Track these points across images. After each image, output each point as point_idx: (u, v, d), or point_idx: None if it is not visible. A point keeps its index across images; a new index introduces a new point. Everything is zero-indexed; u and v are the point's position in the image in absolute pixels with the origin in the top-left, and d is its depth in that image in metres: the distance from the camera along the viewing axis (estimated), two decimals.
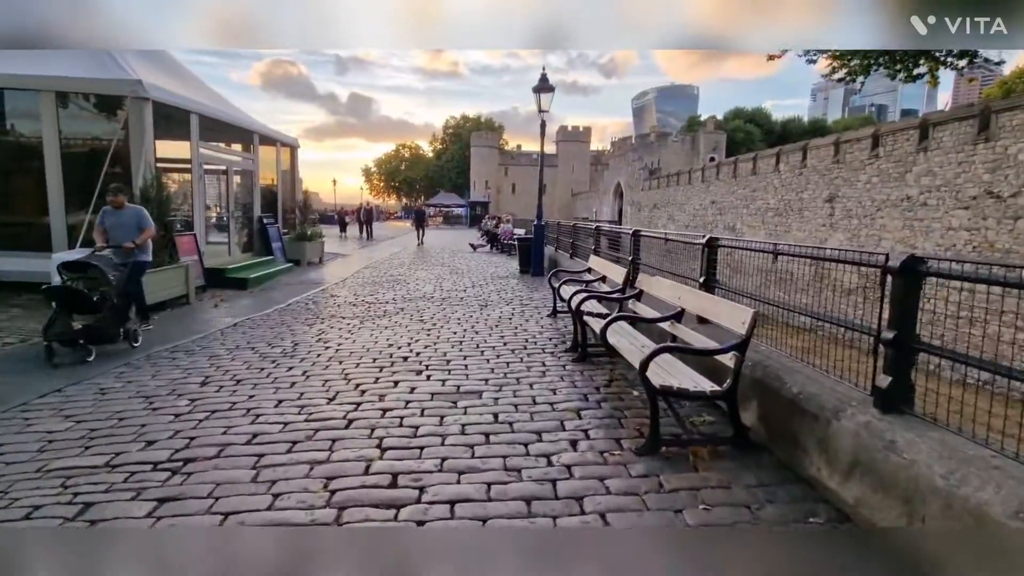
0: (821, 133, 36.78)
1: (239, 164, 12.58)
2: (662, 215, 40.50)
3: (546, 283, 10.95)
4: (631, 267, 6.48)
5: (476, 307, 8.52)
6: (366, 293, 10.19)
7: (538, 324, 7.05)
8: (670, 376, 3.23)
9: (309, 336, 6.63)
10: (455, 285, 11.15)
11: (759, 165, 27.03)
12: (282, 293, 10.35)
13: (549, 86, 11.30)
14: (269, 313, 8.32)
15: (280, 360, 5.46)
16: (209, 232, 12.85)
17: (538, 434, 3.51)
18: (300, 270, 13.73)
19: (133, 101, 8.70)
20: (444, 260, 16.91)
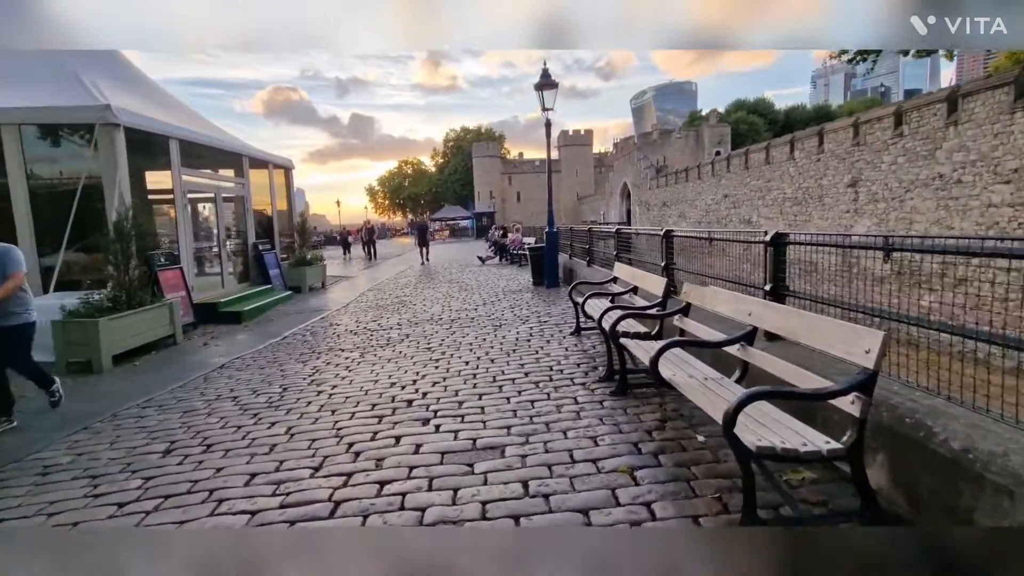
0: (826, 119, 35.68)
1: (228, 190, 11.88)
2: (672, 213, 39.48)
3: (564, 295, 10.06)
4: (665, 273, 5.59)
5: (489, 328, 7.64)
6: (369, 319, 9.37)
7: (561, 345, 6.15)
8: (766, 430, 2.33)
9: (301, 377, 5.79)
10: (465, 303, 10.29)
11: (772, 154, 26.01)
12: (279, 325, 9.56)
13: (552, 82, 10.48)
14: (261, 349, 7.52)
15: (263, 413, 4.62)
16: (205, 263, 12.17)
17: (585, 513, 2.62)
18: (300, 297, 12.96)
19: (103, 128, 8.00)
20: (452, 276, 16.08)
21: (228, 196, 12.28)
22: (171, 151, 9.41)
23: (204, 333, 9.02)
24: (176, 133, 9.50)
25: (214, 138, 10.86)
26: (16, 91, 8.33)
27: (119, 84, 9.86)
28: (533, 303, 9.61)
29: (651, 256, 6.74)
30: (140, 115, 8.75)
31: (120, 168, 8.11)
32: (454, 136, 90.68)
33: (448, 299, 11.01)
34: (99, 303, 7.33)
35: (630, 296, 5.51)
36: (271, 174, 13.78)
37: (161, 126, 9.19)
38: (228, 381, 5.94)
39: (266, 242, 13.05)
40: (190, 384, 5.97)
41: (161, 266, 8.89)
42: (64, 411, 5.22)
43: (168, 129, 9.32)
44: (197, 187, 10.64)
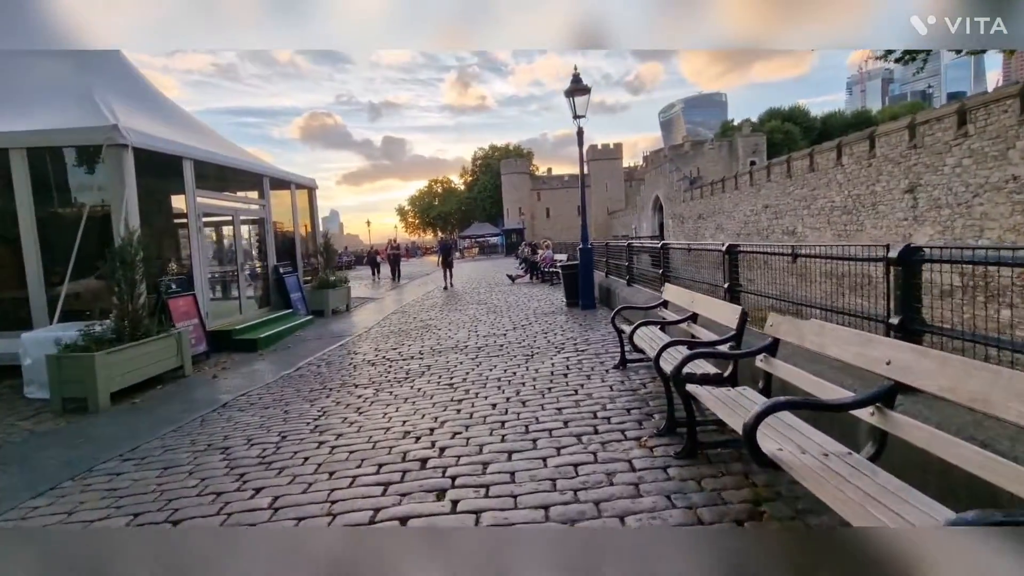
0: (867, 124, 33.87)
1: (247, 212, 11.44)
2: (709, 225, 38.06)
3: (602, 318, 9.15)
4: (730, 297, 4.65)
5: (520, 358, 6.79)
6: (389, 346, 8.64)
7: (604, 383, 5.24)
8: None
9: (305, 421, 5.04)
10: (493, 327, 9.47)
11: (817, 160, 24.60)
12: (294, 353, 8.92)
13: (583, 87, 9.70)
14: (271, 384, 6.86)
15: (251, 473, 3.86)
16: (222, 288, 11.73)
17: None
18: (322, 321, 12.38)
19: (110, 149, 7.58)
20: (480, 296, 15.32)
21: (248, 218, 11.86)
22: (185, 172, 8.97)
23: (216, 364, 8.44)
24: (190, 153, 9.07)
25: (232, 158, 10.44)
26: (26, 113, 8.02)
27: (134, 104, 9.54)
28: (568, 327, 8.71)
29: (705, 274, 5.80)
30: (151, 135, 8.32)
31: (128, 190, 7.65)
32: (482, 154, 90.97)
33: (475, 323, 10.21)
34: (101, 335, 6.80)
35: (688, 325, 4.58)
36: (293, 194, 13.35)
37: (174, 146, 8.76)
38: (225, 425, 5.25)
39: (287, 264, 12.56)
40: (185, 428, 5.31)
41: (172, 293, 8.39)
42: (43, 463, 4.62)
43: (182, 149, 8.89)
44: (213, 209, 10.20)
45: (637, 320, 7.18)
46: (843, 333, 2.54)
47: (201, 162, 9.35)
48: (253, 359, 8.71)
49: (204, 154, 9.41)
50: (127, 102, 9.38)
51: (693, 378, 3.47)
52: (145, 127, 8.69)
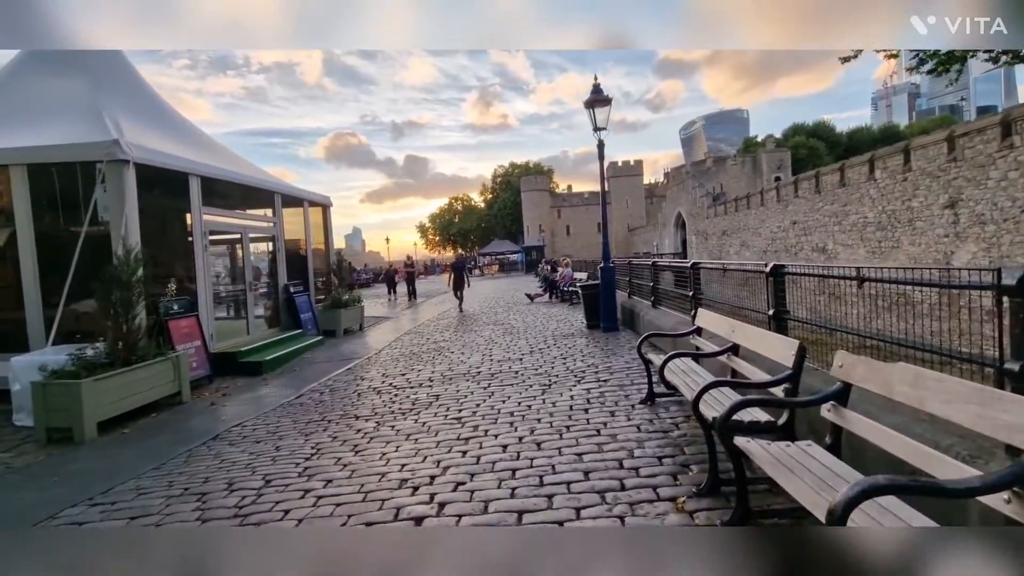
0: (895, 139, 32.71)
1: (257, 229, 11.16)
2: (733, 242, 37.11)
3: (624, 342, 8.52)
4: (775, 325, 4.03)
5: (536, 388, 6.21)
6: (398, 371, 8.13)
7: (631, 421, 4.62)
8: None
9: (295, 461, 4.53)
10: (508, 351, 8.91)
11: (848, 175, 23.69)
12: (300, 378, 8.48)
13: (604, 98, 9.21)
14: (268, 413, 6.39)
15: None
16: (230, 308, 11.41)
17: None
18: (333, 342, 11.96)
19: (110, 165, 7.32)
20: (497, 316, 14.78)
21: (258, 236, 11.59)
22: (191, 189, 8.69)
23: (218, 389, 8.03)
24: (197, 169, 8.80)
25: (241, 175, 10.17)
26: (32, 129, 7.83)
27: (145, 121, 9.35)
28: (589, 352, 8.10)
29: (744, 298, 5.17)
30: (156, 151, 8.07)
31: (128, 207, 7.37)
32: (503, 172, 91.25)
33: (490, 346, 9.66)
34: (92, 359, 6.44)
35: (727, 358, 3.97)
36: (306, 212, 13.07)
37: (180, 162, 8.49)
38: (211, 464, 4.76)
39: (299, 284, 12.22)
40: (168, 465, 4.84)
41: (173, 314, 8.04)
42: (5, 506, 4.19)
43: (188, 165, 8.62)
44: (221, 227, 9.91)
45: (666, 348, 6.61)
46: (954, 386, 1.92)
47: (209, 179, 9.08)
48: (256, 384, 8.28)
49: (211, 170, 9.14)
50: (137, 119, 9.19)
51: (740, 426, 2.86)
52: (153, 143, 8.45)
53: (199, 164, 8.90)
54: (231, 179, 9.73)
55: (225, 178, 9.53)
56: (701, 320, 4.87)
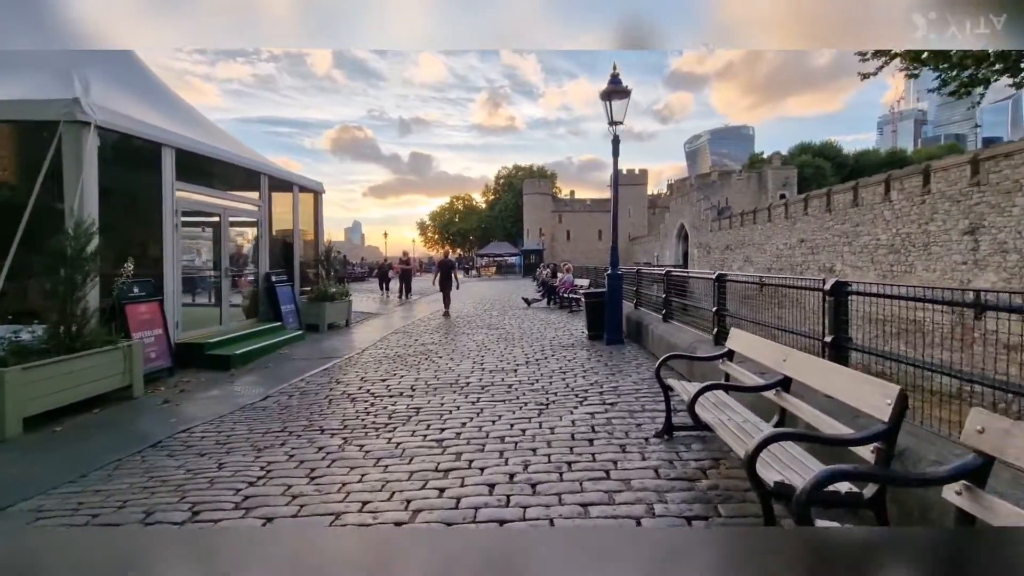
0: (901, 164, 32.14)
1: (239, 211, 10.34)
2: (737, 257, 36.42)
3: (631, 357, 7.72)
4: (834, 354, 3.24)
5: (532, 407, 5.41)
6: (379, 375, 7.33)
7: (646, 461, 3.82)
8: None
9: (236, 487, 3.72)
10: (502, 360, 8.11)
11: (862, 195, 23.01)
12: (271, 375, 7.67)
13: (622, 89, 8.43)
14: (225, 417, 5.59)
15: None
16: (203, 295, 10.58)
17: None
18: (316, 337, 11.15)
19: (68, 126, 6.51)
20: (492, 320, 13.97)
21: (239, 219, 10.77)
22: (163, 161, 7.89)
23: (177, 384, 7.22)
24: (172, 140, 7.99)
25: (224, 151, 9.35)
26: None
27: (124, 88, 8.55)
28: (592, 367, 7.31)
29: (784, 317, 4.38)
30: (123, 115, 7.26)
31: (86, 175, 6.56)
32: (506, 174, 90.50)
33: (482, 352, 8.85)
34: (28, 345, 5.64)
35: (776, 395, 3.17)
36: (296, 197, 12.27)
37: (152, 130, 7.68)
38: (137, 481, 3.95)
39: (282, 273, 11.40)
40: (90, 478, 4.05)
41: (131, 298, 7.21)
42: None
43: (160, 135, 7.81)
44: (197, 206, 9.09)
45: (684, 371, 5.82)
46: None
47: (185, 152, 8.27)
48: (221, 380, 7.46)
49: (188, 143, 8.33)
50: (115, 83, 8.40)
51: (813, 497, 2.07)
52: (128, 109, 7.66)
53: (174, 134, 8.09)
54: (210, 154, 8.92)
55: (204, 152, 8.72)
56: (735, 342, 4.08)
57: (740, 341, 3.98)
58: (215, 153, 9.04)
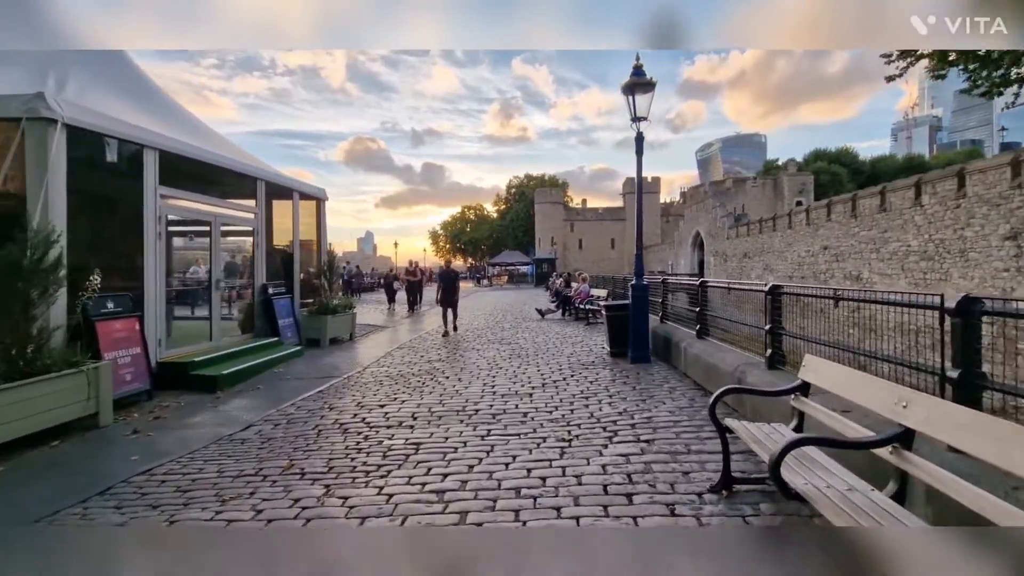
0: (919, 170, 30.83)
1: (231, 219, 9.66)
2: (755, 265, 35.31)
3: (658, 378, 6.85)
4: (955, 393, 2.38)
5: (552, 444, 4.57)
6: (378, 400, 6.54)
7: (703, 526, 2.97)
8: None
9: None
10: (515, 381, 7.29)
11: (890, 199, 21.95)
12: (260, 398, 6.93)
13: (646, 82, 7.63)
14: (196, 454, 4.84)
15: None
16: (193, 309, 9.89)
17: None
18: (315, 353, 10.40)
19: (31, 124, 5.84)
20: (504, 333, 13.14)
21: (234, 228, 10.10)
22: (146, 163, 7.22)
23: (154, 410, 6.48)
24: (154, 141, 7.32)
25: (213, 154, 8.67)
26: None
27: (108, 86, 7.94)
28: (618, 391, 6.45)
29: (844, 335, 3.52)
30: (97, 112, 6.61)
31: (53, 177, 5.88)
32: (517, 183, 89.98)
33: (493, 371, 8.04)
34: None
35: (892, 453, 2.30)
36: (296, 205, 11.59)
37: (132, 131, 7.02)
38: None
39: (280, 285, 10.69)
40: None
41: (104, 314, 6.50)
42: None
43: (141, 135, 7.15)
44: (184, 213, 8.41)
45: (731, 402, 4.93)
46: None
47: (170, 155, 7.60)
48: (203, 404, 6.71)
49: (173, 144, 7.66)
50: (99, 82, 7.79)
51: None
52: (110, 108, 7.03)
53: (157, 135, 7.43)
54: (199, 157, 8.24)
55: (191, 155, 8.04)
56: (812, 372, 3.21)
57: (821, 372, 3.12)
58: (204, 156, 8.37)
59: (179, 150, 7.78)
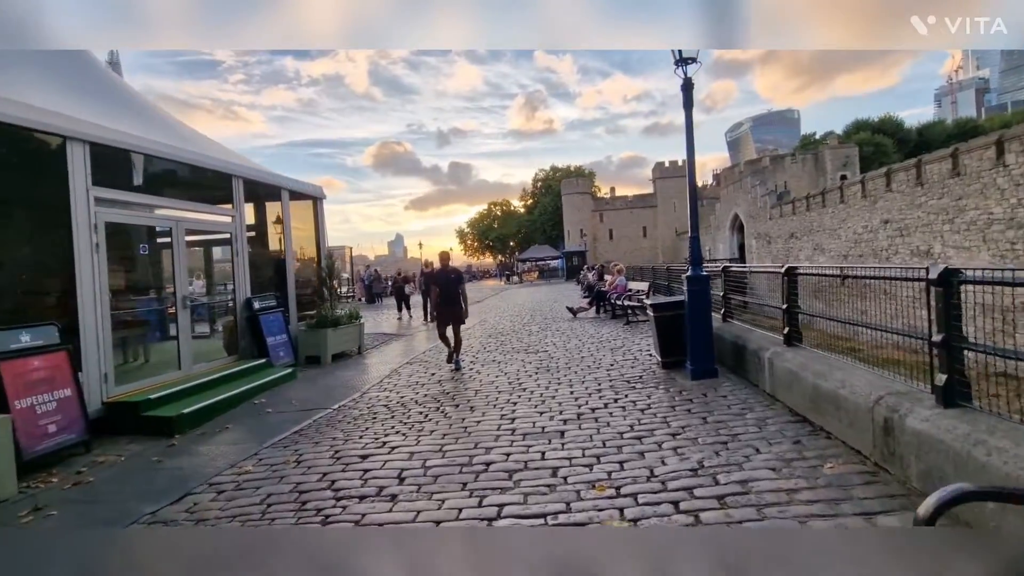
0: (973, 135, 27.61)
1: (201, 224, 8.28)
2: (804, 246, 32.62)
3: (732, 398, 5.03)
4: None
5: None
6: (361, 446, 4.99)
7: None
8: None
9: None
10: (542, 410, 5.63)
11: (965, 162, 19.31)
12: (220, 447, 5.48)
13: None
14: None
15: None
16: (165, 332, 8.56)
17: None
18: (312, 374, 8.98)
19: None
20: (531, 339, 11.46)
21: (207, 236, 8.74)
22: (71, 159, 5.83)
23: (86, 467, 5.08)
24: (82, 132, 5.93)
25: (166, 146, 7.24)
26: None
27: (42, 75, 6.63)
28: (683, 426, 4.70)
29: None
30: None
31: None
32: (543, 176, 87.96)
33: (515, 393, 6.40)
34: None
35: None
36: (285, 206, 10.19)
37: (49, 118, 5.63)
38: None
39: (269, 298, 9.29)
40: None
41: (14, 352, 5.13)
42: None
43: (64, 124, 5.75)
44: (132, 218, 7.02)
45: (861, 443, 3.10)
46: None
47: (107, 148, 6.21)
48: (147, 458, 5.30)
49: (109, 135, 6.25)
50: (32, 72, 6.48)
51: None
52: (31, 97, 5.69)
53: (85, 124, 6.02)
54: (148, 150, 6.84)
55: (137, 148, 6.65)
56: None
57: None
58: (155, 150, 6.96)
59: (118, 142, 6.38)
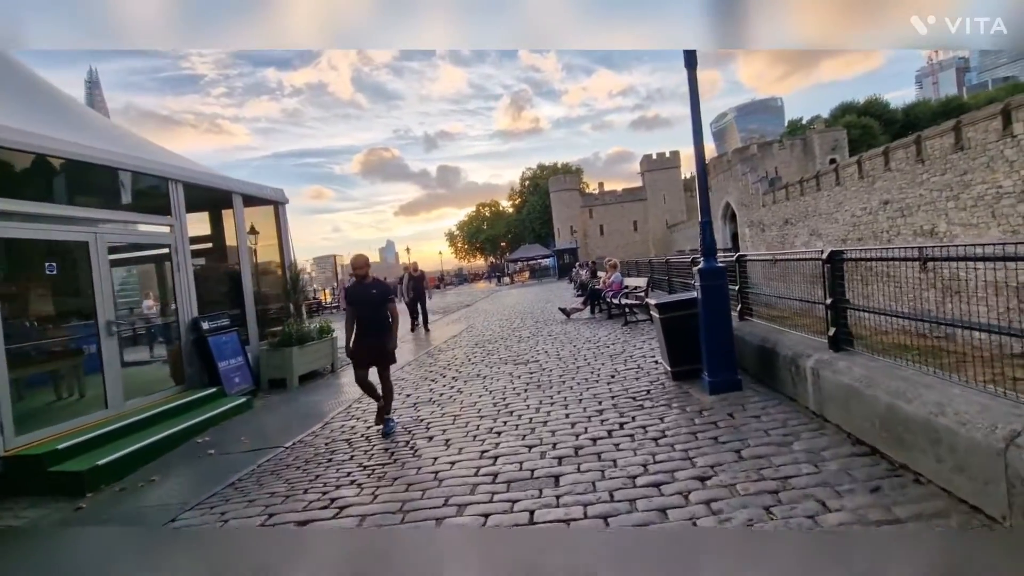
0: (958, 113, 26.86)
1: (126, 235, 7.17)
2: (800, 231, 31.77)
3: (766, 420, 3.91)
4: None
5: None
6: (302, 506, 3.92)
7: None
8: None
9: None
10: (532, 442, 4.59)
11: (968, 135, 18.44)
12: (134, 511, 4.39)
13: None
14: None
15: None
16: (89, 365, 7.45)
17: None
18: (272, 402, 7.90)
19: None
20: (521, 346, 10.40)
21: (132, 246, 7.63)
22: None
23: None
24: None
25: (72, 145, 6.11)
26: None
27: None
28: (711, 465, 3.66)
29: None
30: None
31: None
32: (531, 174, 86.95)
33: (500, 419, 5.34)
34: None
35: None
36: (239, 213, 9.08)
37: None
38: None
39: (219, 316, 8.18)
40: None
41: None
42: None
43: None
44: (31, 231, 5.88)
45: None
46: None
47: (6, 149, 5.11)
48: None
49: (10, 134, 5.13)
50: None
51: None
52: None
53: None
54: (53, 152, 5.72)
55: (25, 147, 5.52)
56: None
57: None
58: (64, 151, 5.84)
59: (8, 142, 5.27)
